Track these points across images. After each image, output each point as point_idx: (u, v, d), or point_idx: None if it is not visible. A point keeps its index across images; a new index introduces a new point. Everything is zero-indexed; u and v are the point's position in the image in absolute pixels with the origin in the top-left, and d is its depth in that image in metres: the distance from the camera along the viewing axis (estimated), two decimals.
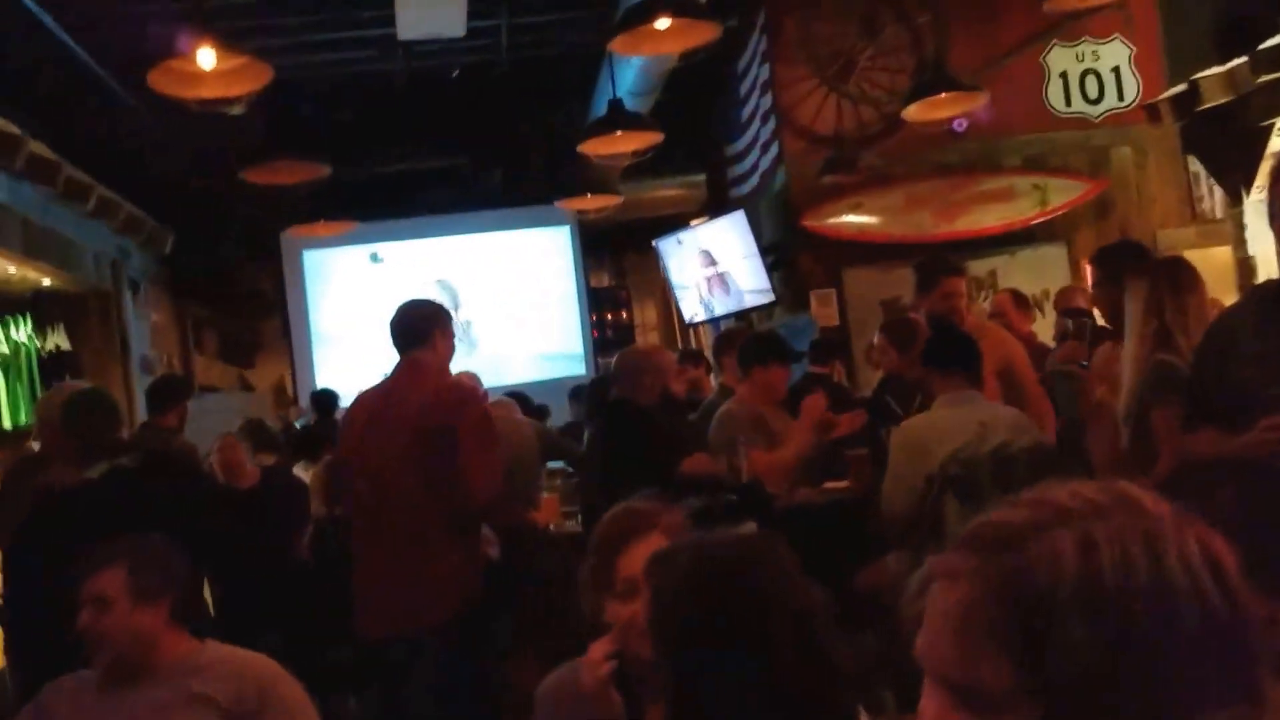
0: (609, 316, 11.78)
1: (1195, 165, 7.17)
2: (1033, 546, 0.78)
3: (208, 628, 2.49)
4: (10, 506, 3.49)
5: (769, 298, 8.00)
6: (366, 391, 3.66)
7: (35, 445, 5.37)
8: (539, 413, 6.49)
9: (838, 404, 4.99)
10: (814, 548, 3.50)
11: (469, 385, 4.01)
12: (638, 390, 4.13)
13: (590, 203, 7.67)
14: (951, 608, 0.80)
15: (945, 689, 0.81)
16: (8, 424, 7.51)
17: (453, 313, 3.89)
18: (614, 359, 4.54)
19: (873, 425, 4.41)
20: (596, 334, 11.18)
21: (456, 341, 3.67)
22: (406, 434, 3.35)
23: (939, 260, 4.47)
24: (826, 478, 4.40)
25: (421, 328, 3.52)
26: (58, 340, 8.37)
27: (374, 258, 10.45)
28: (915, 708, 0.84)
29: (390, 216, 9.97)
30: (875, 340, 4.89)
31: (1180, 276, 3.11)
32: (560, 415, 7.68)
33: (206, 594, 3.55)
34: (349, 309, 10.34)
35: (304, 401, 9.28)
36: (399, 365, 3.55)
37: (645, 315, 12.19)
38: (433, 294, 9.09)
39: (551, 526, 3.77)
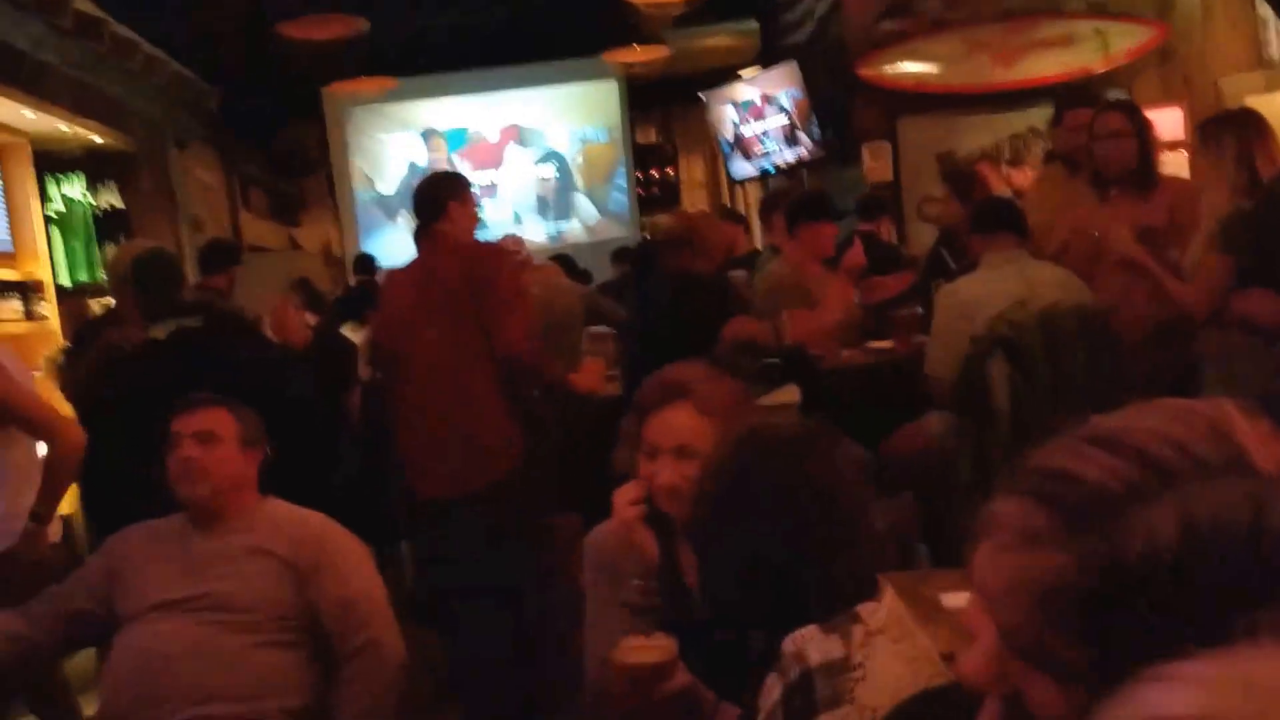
0: (655, 174, 11.63)
1: (1264, 9, 6.85)
2: (1129, 523, 0.71)
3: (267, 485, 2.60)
4: (79, 364, 3.61)
5: (819, 152, 7.87)
6: (399, 267, 3.76)
7: (97, 303, 5.51)
8: (583, 276, 6.51)
9: (884, 262, 4.97)
10: (857, 409, 3.56)
11: (497, 243, 4.07)
12: (693, 257, 4.15)
13: (638, 55, 7.51)
14: (1028, 575, 0.75)
15: (1003, 635, 0.77)
16: (67, 281, 7.68)
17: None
18: (662, 220, 4.54)
19: (927, 280, 4.39)
20: (642, 192, 11.09)
21: (491, 201, 3.75)
22: (439, 298, 3.42)
23: (1075, 93, 4.45)
24: (872, 338, 4.41)
25: (437, 201, 3.58)
26: (110, 198, 8.48)
27: (425, 135, 10.36)
28: (949, 564, 0.85)
29: (431, 71, 9.85)
30: (935, 193, 4.84)
31: (1263, 126, 3.14)
32: (604, 277, 7.71)
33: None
34: (391, 169, 10.34)
35: (350, 264, 9.39)
36: (422, 240, 3.64)
37: (692, 172, 12.02)
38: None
39: (593, 389, 3.84)
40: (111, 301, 4.94)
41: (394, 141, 10.45)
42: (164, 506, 2.52)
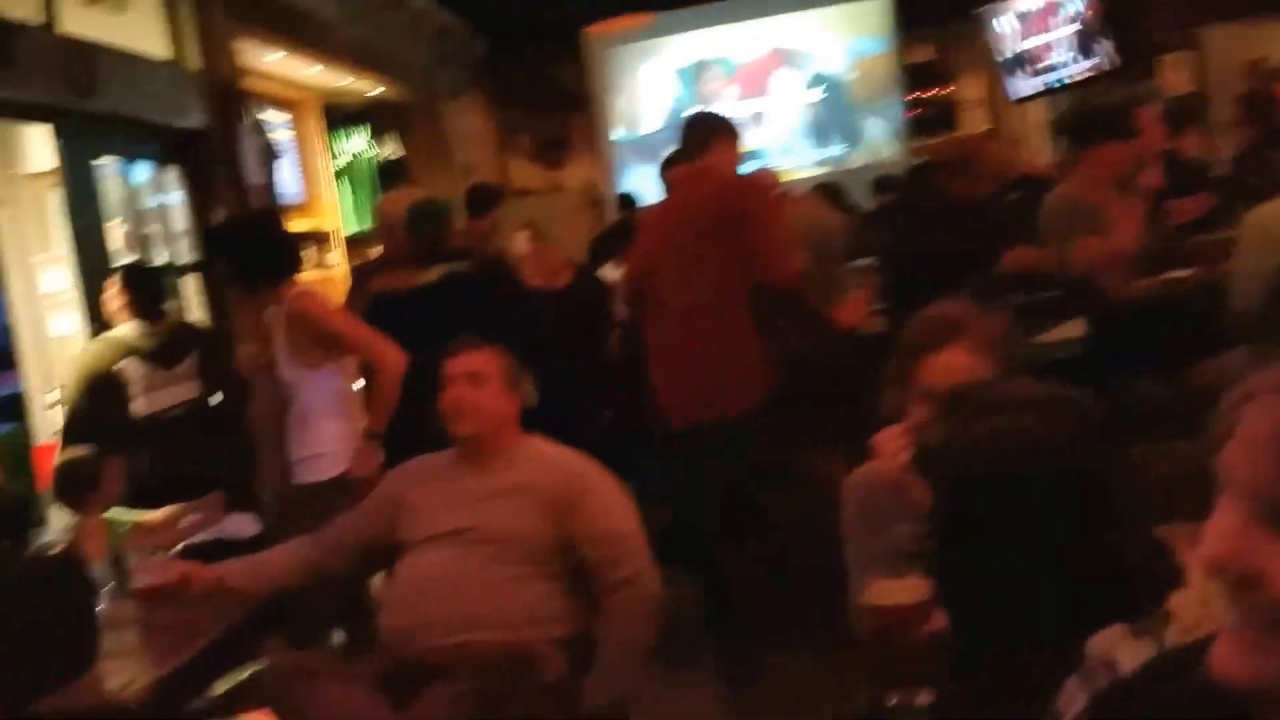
0: (928, 95, 11.14)
1: None
2: None
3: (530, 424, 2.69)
4: (354, 307, 3.85)
5: (1117, 60, 7.28)
6: (655, 203, 3.81)
7: (374, 250, 5.85)
8: (847, 207, 6.33)
9: (1187, 182, 4.56)
10: (1151, 345, 3.28)
11: (754, 175, 4.05)
12: (967, 181, 3.99)
13: None
14: None
15: (1253, 504, 0.79)
16: (353, 230, 8.24)
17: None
18: (934, 145, 4.35)
19: (1231, 203, 4.00)
20: (913, 114, 10.65)
21: (758, 129, 3.75)
22: (695, 230, 3.44)
23: None
24: (1170, 267, 4.05)
25: (702, 137, 3.61)
26: (392, 148, 9.00)
27: (689, 69, 10.35)
28: None
29: (691, 3, 9.80)
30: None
31: None
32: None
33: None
34: (651, 107, 10.40)
35: (610, 203, 9.55)
36: (679, 175, 3.66)
37: (968, 92, 11.43)
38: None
39: (856, 324, 3.75)
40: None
41: (654, 79, 10.51)
42: (436, 442, 2.65)
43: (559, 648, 2.45)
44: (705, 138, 3.63)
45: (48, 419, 4.95)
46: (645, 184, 9.47)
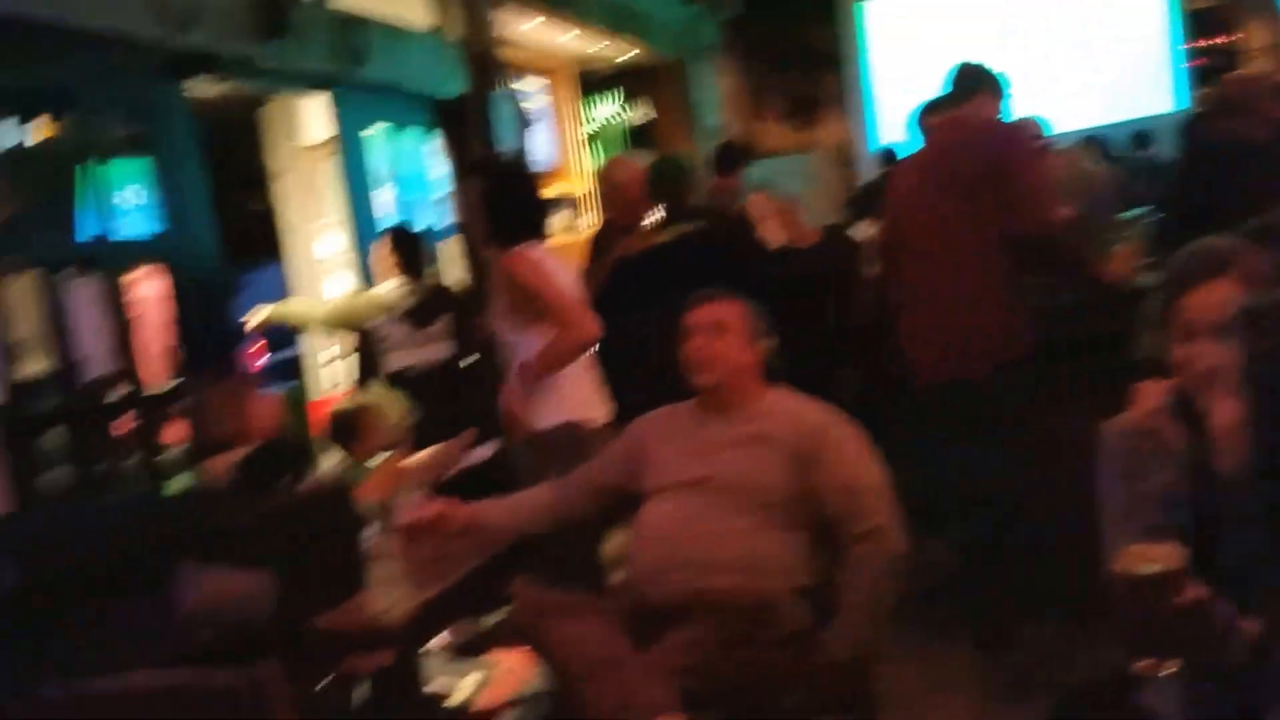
0: (1210, 43, 10.33)
1: None
2: None
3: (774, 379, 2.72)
4: (592, 273, 3.97)
5: None
6: (909, 154, 3.71)
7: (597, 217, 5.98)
8: (1116, 159, 5.98)
9: None
10: None
11: (1017, 123, 3.87)
12: (1246, 124, 3.70)
13: None
14: None
15: None
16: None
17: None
18: (1210, 91, 4.05)
19: None
20: (1196, 63, 9.90)
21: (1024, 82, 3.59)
22: (951, 180, 3.34)
23: None
24: None
25: (968, 85, 3.49)
26: (642, 113, 9.18)
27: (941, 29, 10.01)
28: None
29: None
30: None
31: None
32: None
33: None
34: (907, 63, 10.11)
35: (863, 162, 9.37)
36: (942, 120, 3.54)
37: (1253, 40, 10.53)
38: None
39: (1122, 278, 3.55)
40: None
41: (906, 35, 10.22)
42: (674, 395, 2.71)
43: (798, 599, 2.47)
44: (970, 86, 3.51)
45: (322, 376, 5.38)
46: (898, 142, 9.22)
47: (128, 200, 4.50)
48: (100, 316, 4.13)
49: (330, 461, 3.45)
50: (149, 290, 4.56)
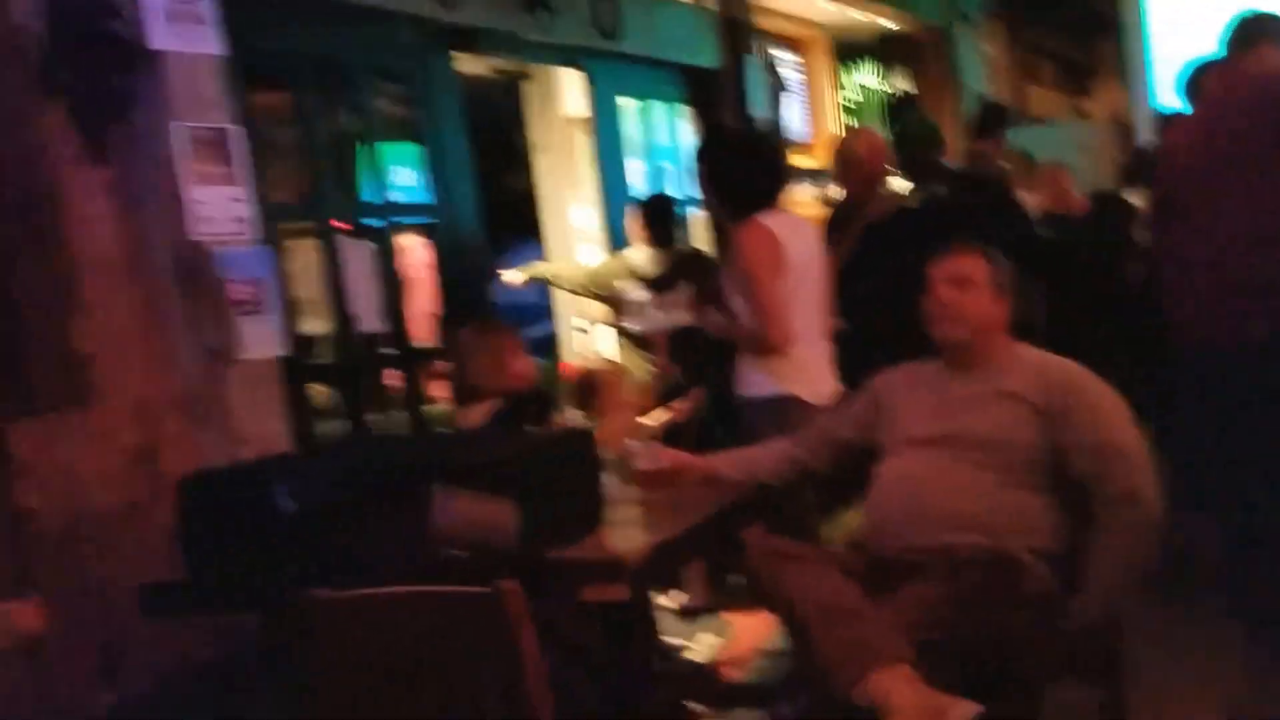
0: None
1: None
2: None
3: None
4: (840, 239, 3.95)
5: None
6: (1182, 113, 3.51)
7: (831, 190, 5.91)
8: None
9: None
10: None
11: None
12: None
13: None
14: None
15: None
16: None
17: None
18: None
19: None
20: None
21: None
22: (1236, 131, 3.14)
23: None
24: None
25: (1247, 36, 3.27)
26: (901, 83, 9.00)
27: None
28: None
29: None
30: None
31: None
32: None
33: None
34: (1188, 23, 9.44)
35: (1140, 128, 8.84)
36: (1219, 75, 3.33)
37: None
38: None
39: None
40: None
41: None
42: (916, 354, 2.70)
43: (1043, 560, 2.42)
44: (1250, 38, 3.30)
45: (574, 340, 5.61)
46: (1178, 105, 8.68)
47: (400, 173, 4.85)
48: (373, 280, 4.48)
49: (573, 416, 3.63)
50: (417, 258, 4.90)
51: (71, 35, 2.90)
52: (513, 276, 5.03)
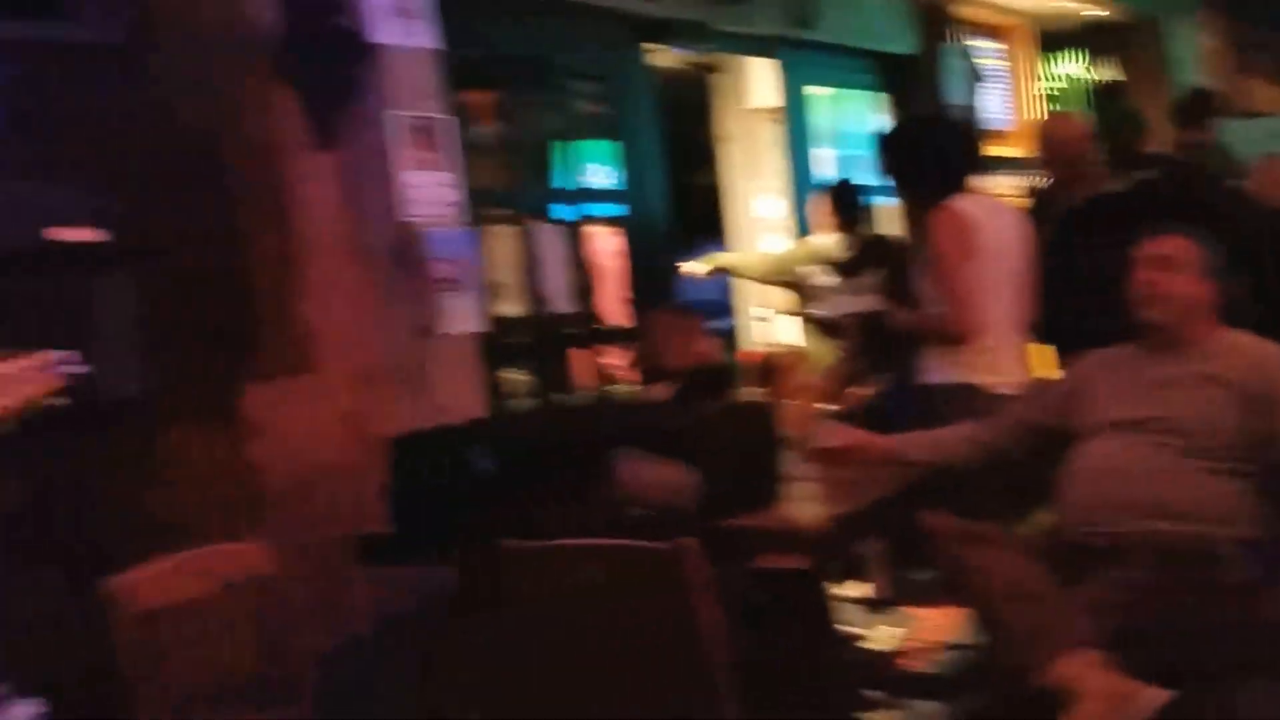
0: None
1: None
2: None
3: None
4: (1042, 225, 3.91)
5: None
6: None
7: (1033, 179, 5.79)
8: None
9: None
10: None
11: None
12: None
13: None
14: None
15: None
16: None
17: None
18: None
19: None
20: None
21: None
22: None
23: None
24: None
25: None
26: (1108, 72, 8.72)
27: None
28: None
29: None
30: None
31: None
32: None
33: None
34: None
35: None
36: None
37: None
38: None
39: None
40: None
41: None
42: (1116, 339, 2.69)
43: (1244, 550, 2.38)
44: None
45: (754, 331, 5.71)
46: None
47: (593, 163, 5.05)
48: (565, 266, 4.70)
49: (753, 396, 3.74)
50: (607, 246, 5.10)
51: (303, 30, 3.18)
52: (695, 268, 5.16)
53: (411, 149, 3.47)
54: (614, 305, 4.89)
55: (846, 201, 4.80)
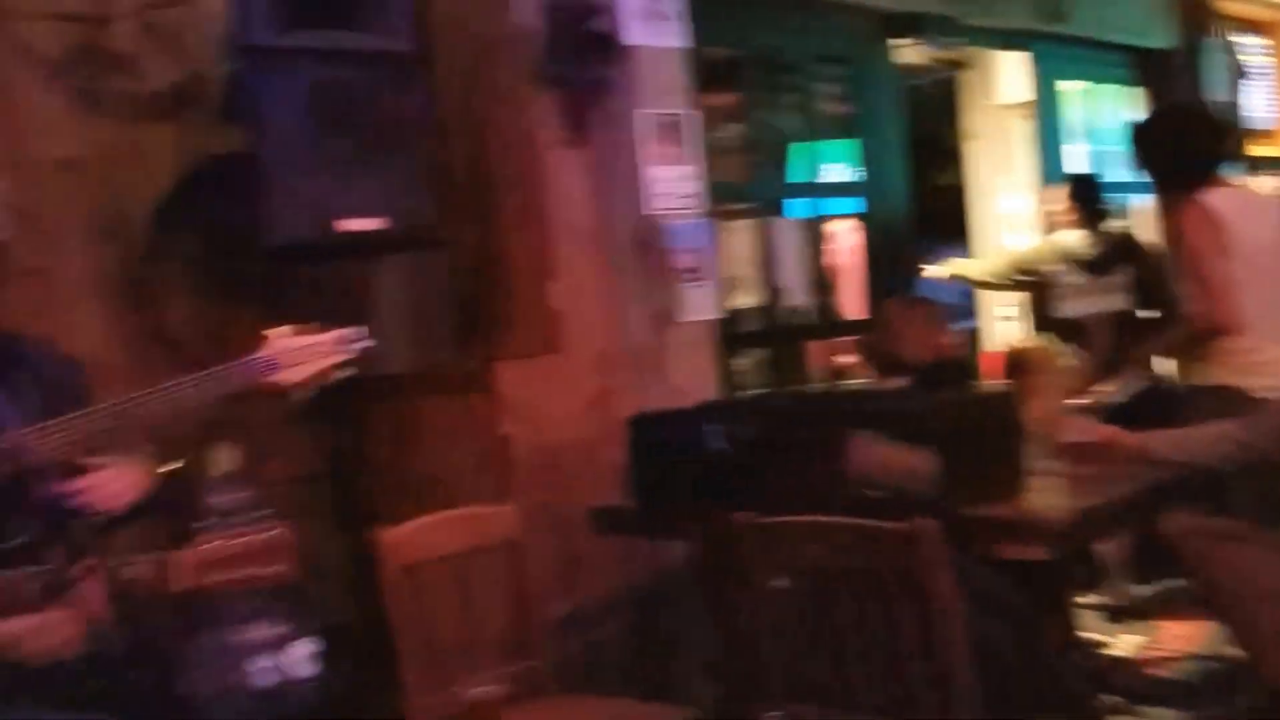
0: None
1: None
2: None
3: None
4: None
5: None
6: None
7: None
8: None
9: None
10: None
11: None
12: None
13: None
14: None
15: None
16: None
17: None
18: None
19: None
20: None
21: None
22: None
23: None
24: None
25: None
26: None
27: None
28: None
29: None
30: None
31: None
32: None
33: None
34: None
35: None
36: None
37: None
38: None
39: None
40: None
41: None
42: None
43: None
44: None
45: (994, 329, 5.56)
46: None
47: (833, 159, 5.05)
48: (801, 259, 4.73)
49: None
50: (846, 241, 5.09)
51: (563, 34, 3.33)
52: (935, 271, 5.06)
53: (657, 144, 3.58)
54: (851, 300, 4.87)
55: (1087, 195, 4.61)
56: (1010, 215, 5.71)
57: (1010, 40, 5.32)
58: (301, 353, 2.13)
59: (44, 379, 2.01)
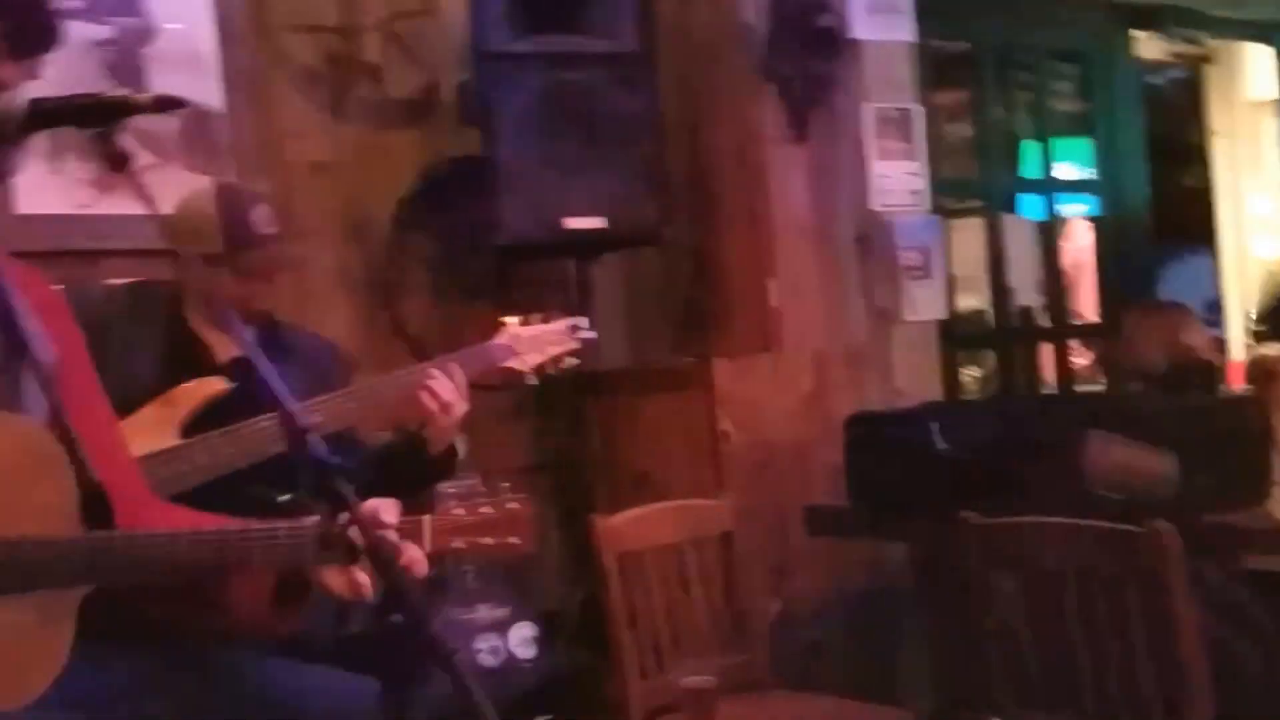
0: None
1: None
2: None
3: None
4: None
5: None
6: None
7: None
8: None
9: None
10: None
11: None
12: None
13: None
14: None
15: None
16: None
17: None
18: None
19: None
20: None
21: None
22: None
23: None
24: None
25: None
26: None
27: None
28: None
29: None
30: None
31: None
32: None
33: None
34: None
35: None
36: None
37: None
38: None
39: None
40: None
41: None
42: None
43: None
44: None
45: (1244, 337, 5.20)
46: None
47: (1068, 156, 4.83)
48: (1032, 259, 4.54)
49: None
50: (1081, 241, 4.86)
51: (788, 30, 3.31)
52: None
53: (882, 139, 3.51)
54: (1086, 302, 4.66)
55: None
56: (1259, 218, 5.34)
57: (1261, 33, 4.97)
58: (534, 340, 2.24)
59: (309, 361, 2.15)
